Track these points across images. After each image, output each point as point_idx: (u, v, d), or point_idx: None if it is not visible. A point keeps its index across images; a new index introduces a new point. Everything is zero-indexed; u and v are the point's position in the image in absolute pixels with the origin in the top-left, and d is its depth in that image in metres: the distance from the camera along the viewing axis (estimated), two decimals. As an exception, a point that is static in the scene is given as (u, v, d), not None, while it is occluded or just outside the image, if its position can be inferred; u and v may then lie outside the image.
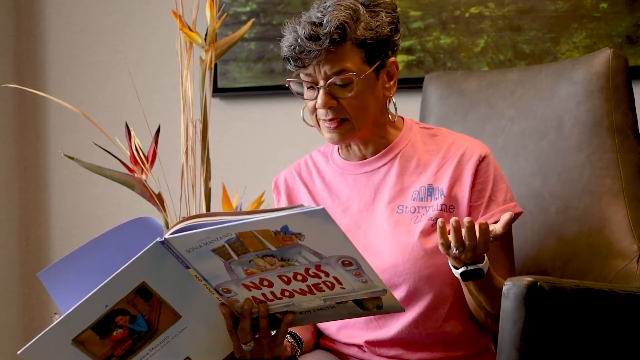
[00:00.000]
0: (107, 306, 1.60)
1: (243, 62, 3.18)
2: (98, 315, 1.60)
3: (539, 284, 1.70)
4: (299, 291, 1.65)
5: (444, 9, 2.97)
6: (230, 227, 1.56)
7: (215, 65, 3.13)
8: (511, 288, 1.71)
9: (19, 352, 1.62)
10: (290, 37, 1.89)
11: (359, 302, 1.68)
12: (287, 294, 1.66)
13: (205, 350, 1.72)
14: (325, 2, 1.91)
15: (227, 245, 1.58)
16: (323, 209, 1.54)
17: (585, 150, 2.13)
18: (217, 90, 3.20)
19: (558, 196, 2.15)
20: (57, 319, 1.60)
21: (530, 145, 2.22)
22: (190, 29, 2.41)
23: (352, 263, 1.61)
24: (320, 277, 1.63)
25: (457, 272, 1.81)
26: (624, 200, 2.08)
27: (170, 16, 2.73)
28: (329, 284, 1.64)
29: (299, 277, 1.63)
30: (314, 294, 1.65)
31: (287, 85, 1.97)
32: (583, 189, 2.12)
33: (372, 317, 1.94)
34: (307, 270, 1.61)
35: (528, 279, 1.71)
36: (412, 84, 2.97)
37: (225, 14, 2.71)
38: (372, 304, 1.69)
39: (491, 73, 2.38)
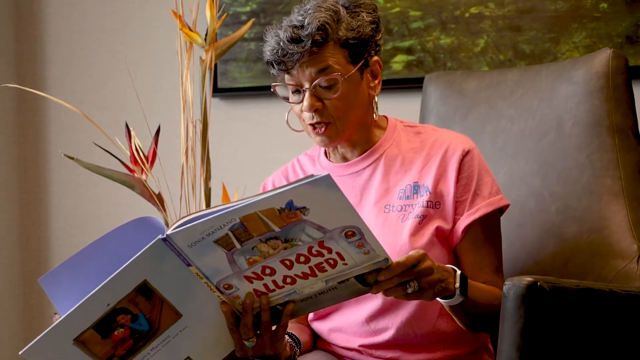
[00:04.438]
0: (108, 305, 1.60)
1: (243, 62, 3.18)
2: (100, 314, 1.60)
3: (539, 284, 1.70)
4: (301, 275, 1.65)
5: (444, 9, 2.97)
6: (234, 210, 1.56)
7: (215, 65, 3.13)
8: (511, 288, 1.71)
9: (20, 353, 1.61)
10: (273, 41, 1.89)
11: (360, 279, 1.68)
12: (289, 280, 1.66)
13: (205, 350, 1.72)
14: (305, 6, 1.91)
15: (230, 233, 1.58)
16: (328, 175, 1.54)
17: (585, 150, 2.13)
18: (217, 90, 3.20)
19: (558, 196, 2.15)
20: (58, 319, 1.60)
21: (530, 145, 2.22)
22: (190, 29, 2.41)
23: (355, 233, 1.61)
24: (323, 255, 1.63)
25: (453, 301, 1.81)
26: (624, 200, 2.08)
27: (170, 16, 2.73)
28: (332, 262, 1.64)
29: (302, 259, 1.63)
30: (316, 275, 1.65)
31: (272, 90, 1.97)
32: (583, 189, 2.12)
33: (364, 322, 1.94)
34: (310, 249, 1.61)
35: (528, 279, 1.71)
36: (412, 84, 2.97)
37: (225, 14, 2.71)
38: (373, 278, 1.69)
39: (491, 73, 2.38)
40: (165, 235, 1.59)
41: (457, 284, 1.80)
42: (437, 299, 1.80)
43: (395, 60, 3.01)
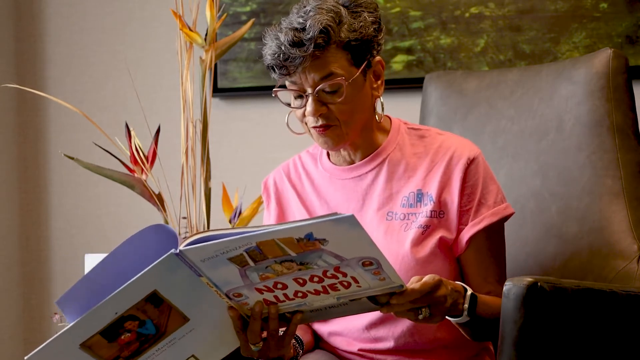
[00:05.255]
0: (116, 313, 1.59)
1: (243, 62, 3.18)
2: (107, 321, 1.60)
3: (539, 284, 1.70)
4: (313, 292, 1.64)
5: (444, 9, 2.97)
6: (252, 236, 1.54)
7: (215, 65, 3.13)
8: (511, 288, 1.71)
9: (26, 358, 1.61)
10: (273, 44, 1.84)
11: (372, 298, 1.67)
12: (300, 294, 1.65)
13: (210, 349, 1.71)
14: (305, 7, 1.86)
15: (245, 254, 1.57)
16: (352, 216, 1.51)
17: (586, 150, 2.13)
18: (217, 90, 3.20)
19: (558, 196, 2.15)
20: (66, 327, 1.60)
21: (530, 145, 2.22)
22: (190, 29, 2.41)
23: (373, 263, 1.59)
24: (338, 278, 1.61)
25: (460, 320, 1.79)
26: (624, 200, 2.08)
27: (170, 16, 2.73)
28: (345, 284, 1.63)
29: (315, 279, 1.61)
30: (328, 293, 1.64)
31: (274, 95, 1.92)
32: (583, 189, 2.12)
33: (364, 329, 1.93)
34: (325, 272, 1.60)
35: (528, 279, 1.71)
36: (412, 84, 2.97)
37: (225, 14, 2.71)
38: (385, 299, 1.68)
39: (491, 73, 2.38)
40: (178, 251, 1.58)
41: (466, 305, 1.78)
42: (461, 320, 1.79)
43: (395, 60, 3.01)
